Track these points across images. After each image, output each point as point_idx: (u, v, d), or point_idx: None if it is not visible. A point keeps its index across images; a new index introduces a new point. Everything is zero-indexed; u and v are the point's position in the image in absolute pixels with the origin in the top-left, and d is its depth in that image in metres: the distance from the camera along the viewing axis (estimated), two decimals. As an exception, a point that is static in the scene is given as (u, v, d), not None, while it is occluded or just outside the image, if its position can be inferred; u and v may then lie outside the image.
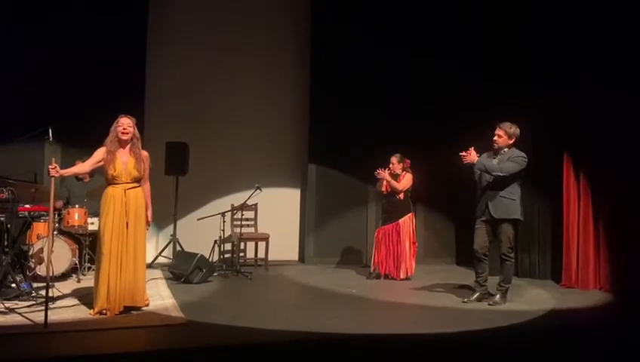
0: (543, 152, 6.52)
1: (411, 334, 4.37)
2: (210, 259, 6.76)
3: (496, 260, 5.54)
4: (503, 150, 5.39)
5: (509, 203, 5.27)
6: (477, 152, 5.40)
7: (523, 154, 5.33)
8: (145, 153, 4.80)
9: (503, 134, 5.37)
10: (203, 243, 7.02)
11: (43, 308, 4.18)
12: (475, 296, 5.46)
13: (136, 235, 4.64)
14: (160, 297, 5.34)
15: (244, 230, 7.44)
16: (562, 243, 6.56)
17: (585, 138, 6.40)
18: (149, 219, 4.84)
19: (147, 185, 4.85)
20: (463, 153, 5.36)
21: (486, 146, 5.60)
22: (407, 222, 6.75)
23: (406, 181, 6.79)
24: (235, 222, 7.46)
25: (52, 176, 4.39)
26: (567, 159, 6.55)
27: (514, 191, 5.30)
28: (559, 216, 6.63)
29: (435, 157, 7.54)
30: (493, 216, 5.30)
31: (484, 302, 5.39)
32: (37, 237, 5.82)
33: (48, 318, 4.13)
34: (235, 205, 7.39)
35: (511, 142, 5.38)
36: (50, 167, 4.39)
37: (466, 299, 5.48)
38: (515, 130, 5.39)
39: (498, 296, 5.38)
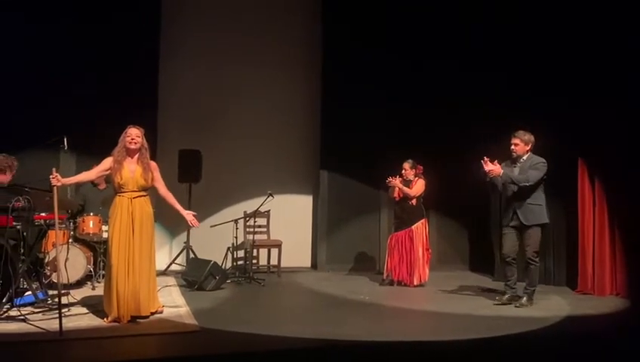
0: (558, 158, 6.45)
1: (425, 341, 4.34)
2: (223, 266, 6.77)
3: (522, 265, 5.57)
4: (522, 158, 5.55)
5: (537, 208, 5.49)
6: (495, 162, 5.49)
7: (542, 160, 5.51)
8: (153, 163, 4.85)
9: (520, 142, 5.56)
10: (216, 250, 7.05)
11: (58, 315, 4.21)
12: (506, 297, 5.64)
13: (142, 244, 4.66)
14: (174, 304, 5.36)
15: (257, 237, 7.46)
16: (577, 249, 6.50)
17: (600, 143, 6.33)
18: (191, 217, 4.89)
19: (169, 193, 4.93)
20: (489, 169, 5.45)
21: (499, 152, 5.60)
22: (420, 228, 6.72)
23: (418, 187, 6.77)
24: (247, 229, 7.48)
25: (54, 186, 4.44)
26: (582, 164, 6.49)
27: (539, 197, 5.51)
28: (574, 221, 6.57)
29: (448, 163, 7.54)
30: (523, 223, 5.47)
31: (512, 304, 5.54)
32: (52, 245, 5.89)
33: (63, 325, 4.17)
34: (248, 212, 7.41)
35: (528, 148, 5.58)
36: (50, 176, 4.44)
37: (497, 298, 5.68)
38: (529, 136, 5.59)
39: (525, 298, 5.55)
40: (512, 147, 5.58)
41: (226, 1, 8.15)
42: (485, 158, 5.48)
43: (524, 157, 5.57)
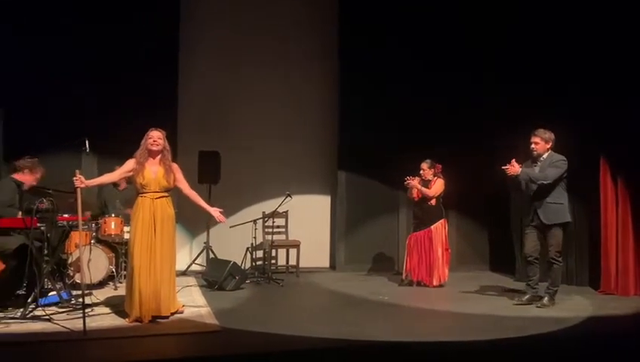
0: (580, 156, 6.37)
1: (446, 342, 4.31)
2: (242, 266, 6.82)
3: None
4: (542, 156, 5.50)
5: (558, 207, 5.42)
6: (512, 161, 5.45)
7: (563, 157, 5.45)
8: (175, 165, 4.91)
9: (540, 140, 5.50)
10: (235, 251, 7.10)
11: (81, 315, 4.28)
12: (526, 297, 5.58)
13: (163, 245, 4.71)
14: (195, 304, 5.41)
15: (275, 237, 7.49)
16: (600, 248, 6.40)
17: (622, 142, 6.23)
18: (218, 213, 4.96)
19: (193, 192, 5.01)
20: (506, 166, 5.41)
21: (519, 150, 5.55)
22: (439, 229, 6.68)
23: (437, 187, 6.72)
24: (266, 230, 7.51)
25: (77, 187, 4.52)
26: (604, 163, 6.39)
27: (560, 196, 5.43)
28: (597, 220, 6.47)
29: (467, 162, 7.49)
30: (544, 222, 5.41)
31: (533, 304, 5.48)
32: (75, 246, 5.99)
33: (87, 325, 4.23)
34: (266, 212, 7.45)
35: (548, 146, 5.51)
36: (74, 178, 4.52)
37: (517, 299, 5.62)
38: (549, 134, 5.53)
39: (546, 298, 5.49)
40: (532, 146, 5.52)
41: (242, 3, 8.19)
42: (512, 160, 5.42)
43: (545, 156, 5.50)
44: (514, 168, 5.41)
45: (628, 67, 6.15)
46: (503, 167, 5.46)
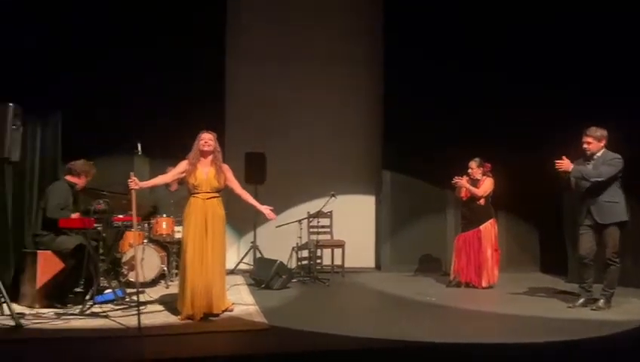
0: (634, 153, 6.13)
1: (497, 344, 4.24)
2: (288, 266, 6.89)
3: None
4: (595, 155, 5.34)
5: (613, 206, 5.26)
6: (563, 157, 5.30)
7: (618, 156, 5.28)
8: (225, 165, 5.03)
9: (592, 140, 5.34)
10: (281, 250, 7.18)
11: (136, 312, 4.43)
12: (581, 301, 5.43)
13: (215, 244, 4.81)
14: (243, 302, 5.50)
15: (320, 237, 7.53)
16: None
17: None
18: (268, 211, 5.07)
19: (244, 191, 5.16)
20: (558, 161, 5.27)
21: (571, 148, 5.39)
22: (488, 229, 6.56)
23: (486, 186, 6.59)
24: (311, 230, 7.55)
25: (132, 189, 4.67)
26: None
27: (615, 194, 5.27)
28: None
29: (517, 161, 7.32)
30: (598, 222, 5.26)
31: (588, 307, 5.33)
32: (129, 246, 6.19)
33: (141, 322, 4.36)
34: (311, 212, 7.49)
35: (602, 144, 5.35)
36: (129, 180, 4.67)
37: (571, 304, 5.46)
38: (602, 132, 5.37)
39: (602, 301, 5.33)
40: (585, 145, 5.35)
41: (288, 3, 8.29)
42: (563, 157, 5.28)
43: (599, 154, 5.33)
44: (565, 163, 5.26)
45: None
46: (555, 161, 5.31)
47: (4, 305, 4.58)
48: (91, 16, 6.95)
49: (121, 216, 5.37)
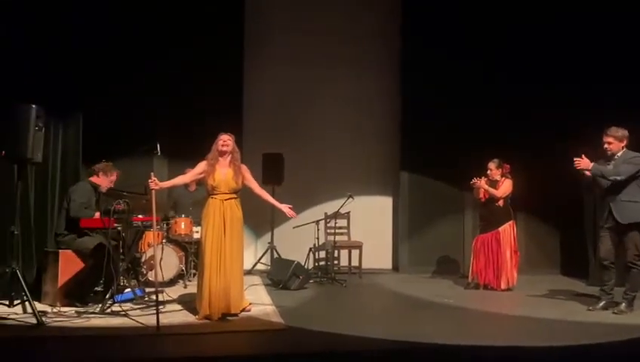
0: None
1: (516, 346, 4.19)
2: (305, 266, 6.90)
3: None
4: (616, 155, 5.27)
5: (634, 206, 5.16)
6: (582, 156, 5.25)
7: (638, 155, 5.21)
8: (244, 166, 5.06)
9: (613, 140, 5.28)
10: (298, 251, 7.19)
11: (155, 311, 4.47)
12: (601, 304, 5.34)
13: (233, 245, 4.84)
14: (261, 302, 5.53)
15: (338, 238, 7.53)
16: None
17: None
18: (287, 209, 5.07)
19: (262, 190, 5.17)
20: (576, 159, 5.21)
21: (591, 149, 5.32)
22: (507, 230, 6.48)
23: (505, 187, 6.52)
24: (328, 230, 7.56)
25: (152, 189, 4.73)
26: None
27: (636, 194, 5.18)
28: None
29: (537, 162, 7.24)
30: (618, 222, 5.18)
31: (609, 310, 5.24)
32: (148, 246, 6.26)
33: (160, 321, 4.39)
34: (329, 213, 7.49)
35: (622, 144, 5.29)
36: (149, 181, 4.73)
37: (591, 307, 5.37)
38: (622, 131, 5.31)
39: (624, 304, 5.24)
40: (606, 146, 5.29)
41: (308, 3, 8.29)
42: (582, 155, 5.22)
43: (619, 154, 5.27)
44: (584, 162, 5.19)
45: None
46: (574, 159, 5.24)
47: (27, 303, 4.66)
48: (117, 23, 6.99)
49: (140, 216, 5.44)
